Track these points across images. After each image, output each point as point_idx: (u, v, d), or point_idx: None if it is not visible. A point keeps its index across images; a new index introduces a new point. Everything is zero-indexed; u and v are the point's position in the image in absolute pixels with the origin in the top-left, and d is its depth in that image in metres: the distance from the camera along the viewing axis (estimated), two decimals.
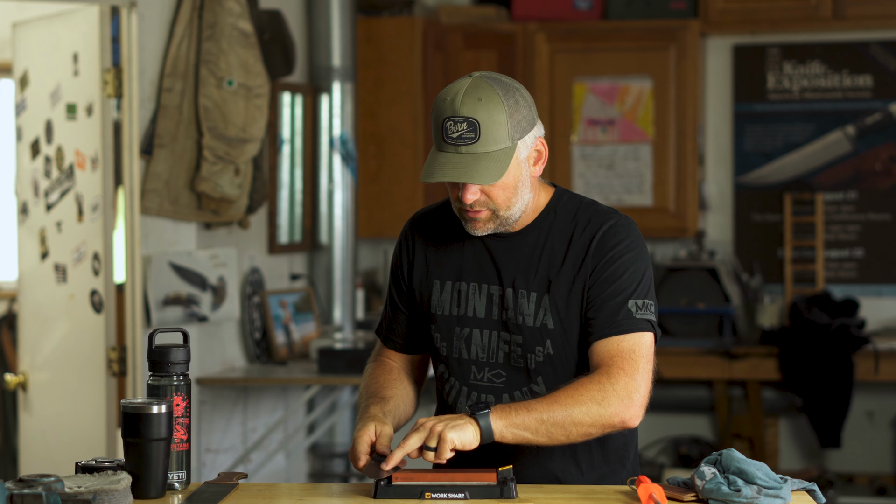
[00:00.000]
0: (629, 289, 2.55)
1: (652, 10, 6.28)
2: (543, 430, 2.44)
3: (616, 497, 2.44)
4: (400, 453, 2.41)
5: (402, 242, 2.74)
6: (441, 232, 2.68)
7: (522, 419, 2.43)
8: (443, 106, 2.49)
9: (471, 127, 2.47)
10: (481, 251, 2.63)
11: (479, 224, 2.56)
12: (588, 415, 2.45)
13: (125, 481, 2.37)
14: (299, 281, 5.81)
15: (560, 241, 2.59)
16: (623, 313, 2.54)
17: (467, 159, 2.47)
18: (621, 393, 2.47)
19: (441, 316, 2.65)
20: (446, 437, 2.39)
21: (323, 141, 5.83)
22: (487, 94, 2.48)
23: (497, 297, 2.60)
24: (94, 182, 4.74)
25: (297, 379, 5.16)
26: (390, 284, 2.76)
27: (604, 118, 6.32)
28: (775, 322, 6.21)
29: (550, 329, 2.56)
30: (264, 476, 5.43)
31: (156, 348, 2.52)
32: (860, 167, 6.37)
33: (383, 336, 2.81)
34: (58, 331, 4.91)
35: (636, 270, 2.56)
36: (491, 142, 2.48)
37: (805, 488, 2.45)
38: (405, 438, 2.42)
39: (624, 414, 2.47)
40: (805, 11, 6.19)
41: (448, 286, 2.64)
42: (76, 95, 4.81)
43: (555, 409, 2.44)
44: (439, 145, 2.51)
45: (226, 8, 4.88)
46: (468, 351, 2.62)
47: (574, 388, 2.47)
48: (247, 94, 4.95)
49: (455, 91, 2.49)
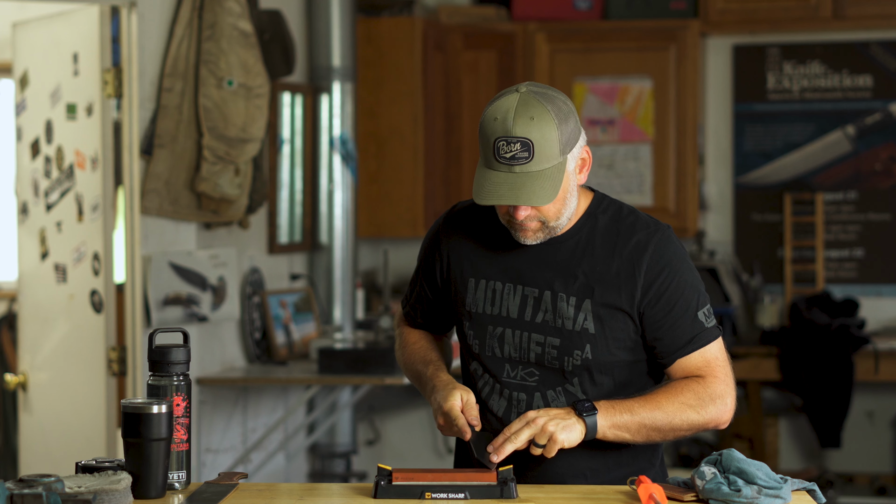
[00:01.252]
0: (694, 301, 2.59)
1: (652, 10, 6.28)
2: (643, 433, 2.53)
3: (616, 497, 2.44)
4: (511, 447, 2.45)
5: (436, 241, 2.75)
6: (478, 229, 2.69)
7: (625, 421, 2.51)
8: (493, 125, 2.49)
9: (524, 147, 2.47)
10: (520, 253, 2.63)
11: (529, 233, 2.58)
12: (686, 421, 2.55)
13: (125, 481, 2.37)
14: (299, 281, 5.81)
15: (602, 248, 2.60)
16: (697, 327, 2.59)
17: (522, 179, 2.48)
18: (716, 398, 2.57)
19: (475, 314, 2.66)
20: (557, 438, 2.45)
21: (323, 141, 5.83)
22: (539, 112, 2.48)
23: (532, 299, 2.61)
24: (94, 182, 4.74)
25: (297, 379, 5.16)
26: (419, 274, 2.79)
27: (604, 118, 6.32)
28: (775, 322, 6.21)
29: (591, 334, 2.58)
30: (264, 476, 5.43)
31: (156, 348, 2.52)
32: (860, 167, 6.37)
33: (406, 314, 2.87)
34: (58, 331, 4.91)
35: (693, 280, 2.61)
36: (544, 160, 2.49)
37: (805, 488, 2.45)
38: (515, 432, 2.46)
39: (720, 419, 2.58)
40: (805, 11, 6.19)
41: (482, 285, 2.66)
42: (76, 95, 4.81)
43: (657, 415, 2.53)
44: (490, 163, 2.51)
45: (226, 8, 4.88)
46: (501, 349, 2.64)
47: (673, 393, 2.55)
48: (247, 94, 4.95)
49: (505, 109, 2.48)
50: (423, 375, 2.70)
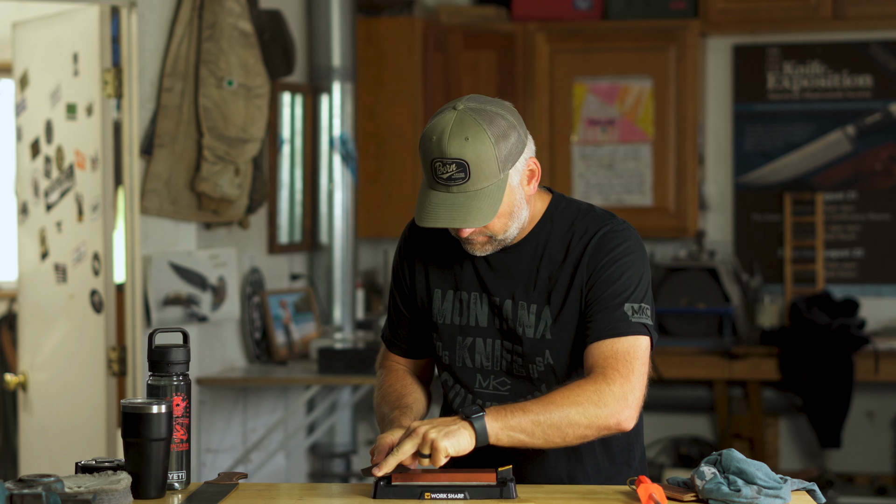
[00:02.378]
0: (626, 292, 2.53)
1: (652, 10, 6.28)
2: (539, 431, 2.42)
3: (616, 497, 2.44)
4: (394, 460, 2.39)
5: (401, 248, 2.73)
6: (440, 240, 2.66)
7: (518, 421, 2.41)
8: (430, 145, 2.46)
9: (460, 168, 2.44)
10: (482, 262, 2.61)
11: (477, 247, 2.56)
12: (584, 416, 2.43)
13: (125, 481, 2.37)
14: (299, 281, 5.81)
15: (558, 251, 2.58)
16: (619, 316, 2.52)
17: (460, 199, 2.46)
18: (617, 394, 2.45)
19: (443, 325, 2.64)
20: (439, 447, 2.36)
21: (323, 141, 5.83)
22: (474, 132, 2.44)
23: (497, 308, 2.59)
24: (94, 182, 4.75)
25: (297, 379, 5.16)
26: (392, 288, 2.75)
27: (604, 118, 6.32)
28: (775, 322, 6.21)
29: (549, 340, 2.56)
30: (264, 476, 5.43)
31: (156, 348, 2.52)
32: (860, 167, 6.37)
33: (388, 341, 2.80)
34: (58, 331, 4.91)
35: (633, 274, 2.55)
36: (482, 178, 2.45)
37: (805, 488, 2.45)
38: (399, 445, 2.40)
39: (619, 415, 2.45)
40: (805, 11, 6.19)
41: (449, 295, 2.64)
42: (76, 95, 4.81)
43: (551, 410, 2.42)
44: (430, 183, 2.48)
45: (226, 8, 4.88)
46: (472, 359, 2.62)
47: (570, 389, 2.46)
48: (247, 94, 4.96)
49: (441, 129, 2.45)
50: (386, 419, 2.64)
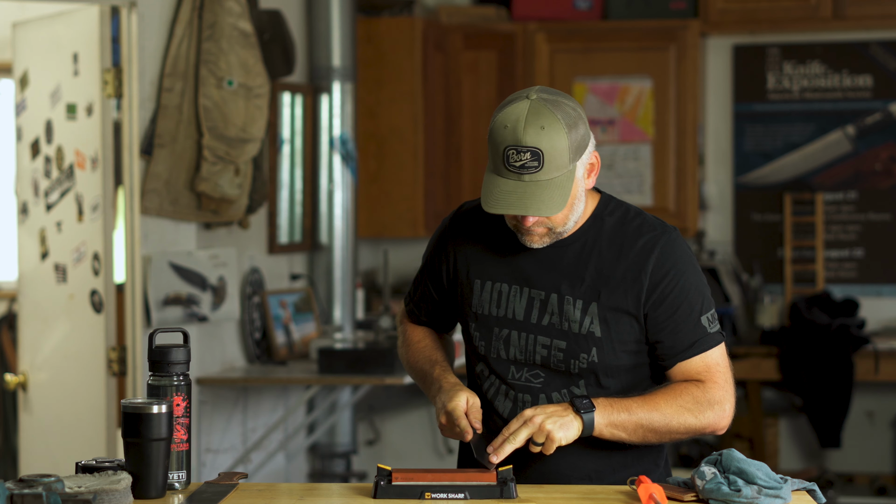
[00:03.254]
0: (698, 306, 2.59)
1: (652, 10, 6.28)
2: (640, 433, 2.52)
3: (616, 497, 2.44)
4: (510, 447, 2.44)
5: (442, 236, 2.74)
6: (485, 231, 2.68)
7: (623, 420, 2.50)
8: (503, 133, 2.47)
9: (535, 156, 2.46)
10: (527, 255, 2.63)
11: (535, 238, 2.57)
12: (683, 425, 2.54)
13: (125, 481, 2.37)
14: (299, 281, 5.81)
15: (609, 251, 2.60)
16: (700, 332, 2.58)
17: (531, 188, 2.48)
18: (715, 403, 2.56)
19: (481, 315, 2.66)
20: (554, 437, 2.44)
21: (323, 141, 5.83)
22: (549, 121, 2.46)
23: (539, 301, 2.60)
24: (94, 182, 4.74)
25: (297, 379, 5.16)
26: (424, 274, 2.78)
27: (604, 118, 6.32)
28: (775, 322, 6.21)
29: (597, 337, 2.58)
30: (264, 476, 5.43)
31: (156, 348, 2.52)
32: (860, 167, 6.37)
33: (410, 312, 2.86)
34: (58, 331, 4.91)
35: (699, 284, 2.60)
36: (554, 169, 2.48)
37: (805, 488, 2.45)
38: (513, 432, 2.45)
39: (717, 424, 2.57)
40: (805, 11, 6.19)
41: (488, 286, 2.65)
42: (76, 95, 4.81)
43: (654, 416, 2.52)
44: (499, 170, 2.49)
45: (226, 8, 4.88)
46: (506, 351, 2.63)
47: (672, 396, 2.54)
48: (247, 94, 4.96)
49: (515, 117, 2.47)
50: (430, 375, 2.69)
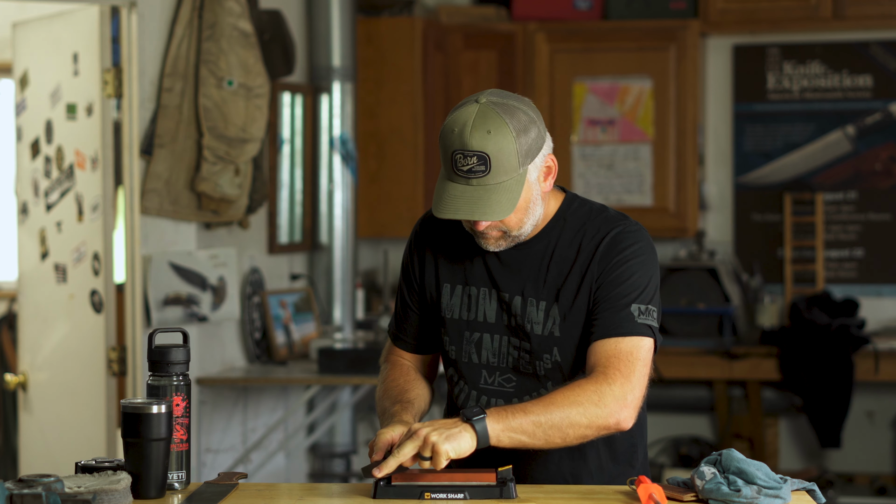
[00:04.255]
0: (634, 293, 2.54)
1: (652, 10, 6.28)
2: (540, 432, 2.42)
3: (616, 497, 2.44)
4: (394, 462, 2.38)
5: (412, 242, 2.73)
6: (451, 235, 2.67)
7: (519, 422, 2.41)
8: (451, 137, 2.47)
9: (481, 161, 2.45)
10: (491, 257, 2.62)
11: (490, 241, 2.56)
12: (584, 415, 2.43)
13: (125, 481, 2.37)
14: (299, 281, 5.81)
15: (569, 250, 2.58)
16: (625, 315, 2.52)
17: (479, 192, 2.46)
18: (617, 394, 2.46)
19: (451, 319, 2.65)
20: (440, 450, 2.36)
21: (323, 141, 5.83)
22: (496, 125, 2.45)
23: (506, 304, 2.60)
24: (94, 182, 4.75)
25: (297, 379, 5.16)
26: (401, 283, 2.76)
27: (604, 118, 6.32)
28: (775, 322, 6.21)
29: (557, 337, 2.57)
30: (264, 476, 5.43)
31: (156, 348, 2.52)
32: (860, 167, 6.37)
33: (394, 335, 2.79)
34: (58, 331, 4.91)
35: (643, 275, 2.56)
36: (502, 172, 2.46)
37: (805, 488, 2.45)
38: (399, 446, 2.39)
39: (618, 415, 2.45)
40: (805, 11, 6.19)
41: (458, 290, 2.64)
42: (76, 95, 4.81)
43: (552, 411, 2.42)
44: (449, 175, 2.49)
45: (226, 8, 4.88)
46: (478, 355, 2.62)
47: (570, 389, 2.46)
48: (247, 94, 4.96)
49: (463, 122, 2.46)
50: (387, 413, 2.63)
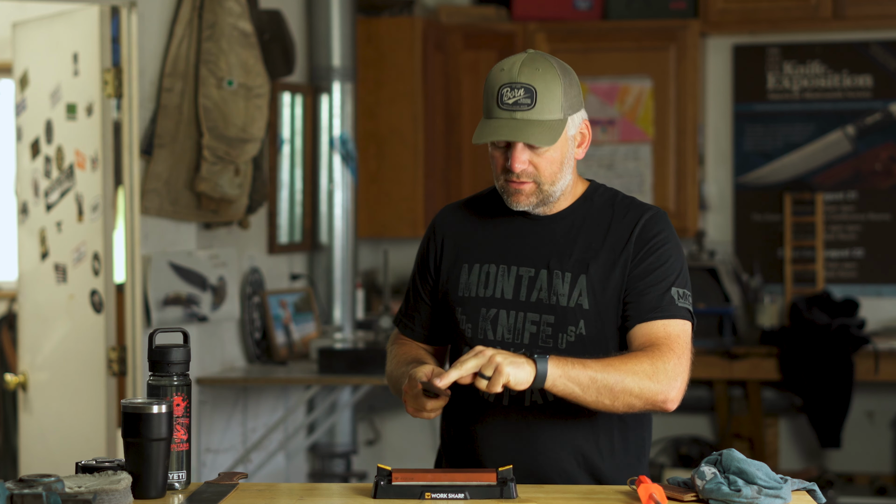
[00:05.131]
0: (672, 276, 2.60)
1: (652, 10, 6.28)
2: (593, 389, 2.46)
3: (616, 497, 2.44)
4: (456, 373, 2.41)
5: (430, 234, 2.77)
6: (471, 219, 2.72)
7: (577, 373, 2.45)
8: (499, 74, 2.55)
9: (528, 94, 2.52)
10: (515, 234, 2.66)
11: (522, 197, 2.60)
12: (638, 385, 2.48)
13: (125, 481, 2.37)
14: (299, 281, 5.81)
15: (597, 226, 2.64)
16: (667, 299, 2.58)
17: (522, 124, 2.53)
18: (671, 373, 2.51)
19: (468, 298, 2.66)
20: (503, 370, 2.39)
21: (323, 141, 5.83)
22: (545, 66, 2.55)
23: (527, 279, 2.62)
24: (94, 182, 4.75)
25: (297, 379, 5.16)
26: (415, 277, 2.79)
27: (604, 118, 6.32)
28: (775, 322, 6.21)
29: (585, 310, 2.59)
30: (264, 476, 5.43)
31: (156, 348, 2.52)
32: (860, 167, 6.37)
33: (402, 325, 2.82)
34: (58, 331, 4.91)
35: (677, 260, 2.62)
36: (546, 110, 2.54)
37: (805, 488, 2.45)
38: (462, 361, 2.42)
39: (668, 393, 2.51)
40: (805, 11, 6.19)
41: (476, 269, 2.67)
42: (76, 95, 4.81)
43: (609, 372, 2.46)
44: (491, 112, 2.55)
45: (226, 8, 4.88)
46: (494, 332, 2.64)
47: (628, 357, 2.51)
48: (247, 94, 4.96)
49: (512, 62, 2.55)
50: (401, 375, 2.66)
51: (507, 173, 2.57)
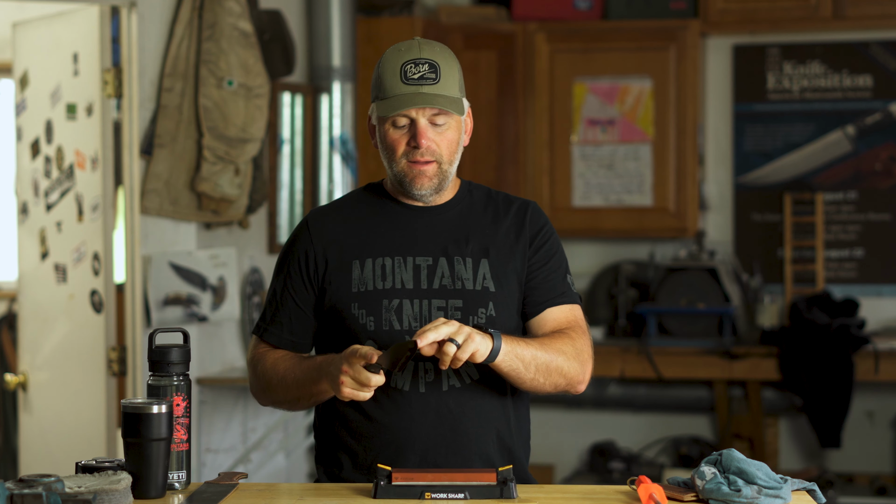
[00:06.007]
0: (565, 264, 2.74)
1: (652, 10, 6.28)
2: (533, 367, 2.56)
3: (616, 497, 2.44)
4: (433, 335, 2.43)
5: (304, 239, 2.73)
6: (350, 219, 2.73)
7: (522, 351, 2.54)
8: (397, 54, 2.61)
9: (432, 69, 2.59)
10: (404, 226, 2.69)
11: (425, 179, 2.64)
12: (567, 365, 2.60)
13: (125, 481, 2.37)
14: None
15: (484, 215, 2.71)
16: (566, 286, 2.70)
17: (429, 97, 2.58)
18: (584, 355, 2.64)
19: (365, 292, 2.65)
20: (474, 338, 2.45)
21: (323, 141, 5.83)
22: (441, 47, 2.64)
23: (426, 267, 2.65)
24: (94, 182, 4.75)
25: None
26: (284, 284, 2.72)
27: (604, 118, 6.32)
28: (775, 322, 6.21)
29: (492, 292, 2.64)
30: (264, 476, 5.43)
31: (156, 348, 2.53)
32: (860, 167, 6.37)
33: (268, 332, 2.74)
34: (58, 331, 4.91)
35: (562, 250, 2.75)
36: (449, 87, 2.61)
37: (805, 488, 2.45)
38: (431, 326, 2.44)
39: (585, 374, 2.65)
40: (805, 11, 6.19)
41: (369, 263, 2.67)
42: (76, 95, 4.81)
43: (547, 352, 2.57)
44: (395, 89, 2.59)
45: (226, 8, 4.88)
46: (399, 321, 2.63)
47: (554, 338, 2.61)
48: (247, 94, 4.96)
49: (409, 43, 2.63)
50: (312, 365, 2.62)
51: (409, 154, 2.61)
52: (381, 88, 2.61)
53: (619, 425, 6.52)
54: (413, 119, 2.60)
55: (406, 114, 2.59)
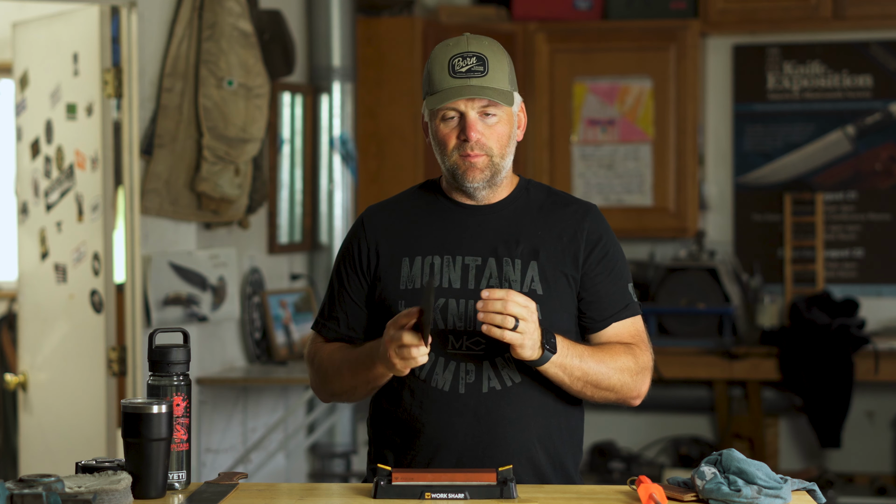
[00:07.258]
0: (626, 273, 2.70)
1: (652, 10, 6.28)
2: (581, 382, 2.56)
3: (616, 497, 2.44)
4: (503, 292, 2.42)
5: (359, 237, 2.73)
6: (403, 217, 2.72)
7: (573, 365, 2.54)
8: (446, 49, 2.60)
9: (480, 62, 2.58)
10: (456, 225, 2.67)
11: (476, 172, 2.62)
12: (620, 381, 2.59)
13: (125, 481, 2.37)
14: (299, 281, 5.81)
15: (539, 216, 2.67)
16: (629, 297, 2.67)
17: (478, 89, 2.57)
18: (646, 372, 2.63)
19: (412, 290, 2.65)
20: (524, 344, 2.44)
21: (323, 141, 5.83)
22: (490, 41, 2.63)
23: (475, 267, 2.63)
24: (94, 182, 4.75)
25: (297, 379, 5.16)
26: (341, 279, 2.74)
27: (604, 118, 6.32)
28: (775, 322, 6.21)
29: (539, 295, 2.61)
30: (264, 476, 5.43)
31: (156, 348, 2.53)
32: (860, 167, 6.37)
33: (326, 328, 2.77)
34: (58, 331, 4.91)
35: (624, 256, 2.72)
36: (498, 80, 2.59)
37: (805, 488, 2.45)
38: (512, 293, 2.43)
39: (641, 390, 2.63)
40: (805, 11, 6.19)
41: (418, 262, 2.66)
42: (76, 95, 4.81)
43: (600, 369, 2.57)
44: (443, 83, 2.58)
45: (226, 8, 4.88)
46: (444, 321, 2.62)
47: (620, 354, 2.59)
48: (247, 94, 4.96)
49: (457, 38, 2.61)
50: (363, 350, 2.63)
51: (460, 148, 2.60)
52: (430, 83, 2.60)
53: (619, 425, 6.52)
54: (462, 112, 2.58)
55: (455, 107, 2.58)
